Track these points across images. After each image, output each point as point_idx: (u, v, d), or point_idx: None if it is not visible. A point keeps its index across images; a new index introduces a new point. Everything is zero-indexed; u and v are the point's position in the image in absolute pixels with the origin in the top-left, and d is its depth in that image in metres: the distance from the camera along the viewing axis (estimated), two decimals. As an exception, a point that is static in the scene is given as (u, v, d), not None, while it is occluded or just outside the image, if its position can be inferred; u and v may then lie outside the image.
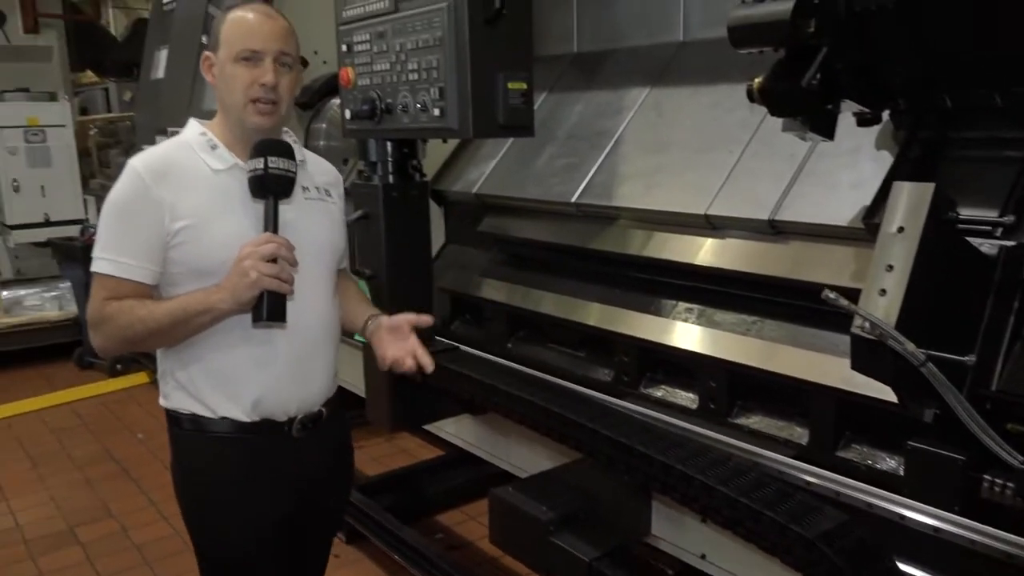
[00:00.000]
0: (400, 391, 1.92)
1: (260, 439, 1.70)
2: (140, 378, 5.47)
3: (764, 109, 2.45)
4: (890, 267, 1.26)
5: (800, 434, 2.05)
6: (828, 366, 1.97)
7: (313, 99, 3.42)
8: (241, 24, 1.65)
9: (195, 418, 1.70)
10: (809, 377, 1.99)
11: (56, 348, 5.90)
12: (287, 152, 1.65)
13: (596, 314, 2.59)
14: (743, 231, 2.31)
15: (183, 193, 1.63)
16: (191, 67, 3.85)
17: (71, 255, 5.67)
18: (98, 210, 7.56)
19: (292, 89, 1.72)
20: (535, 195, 2.85)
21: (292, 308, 1.61)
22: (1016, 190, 1.69)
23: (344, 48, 1.88)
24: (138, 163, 1.65)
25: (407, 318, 1.82)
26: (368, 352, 2.04)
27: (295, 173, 1.65)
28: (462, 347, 2.06)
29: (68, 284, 6.35)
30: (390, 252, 1.88)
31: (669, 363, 2.39)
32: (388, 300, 1.92)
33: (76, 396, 5.21)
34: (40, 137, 6.81)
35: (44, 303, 6.46)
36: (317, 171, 1.86)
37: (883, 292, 1.26)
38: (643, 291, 2.57)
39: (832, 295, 1.21)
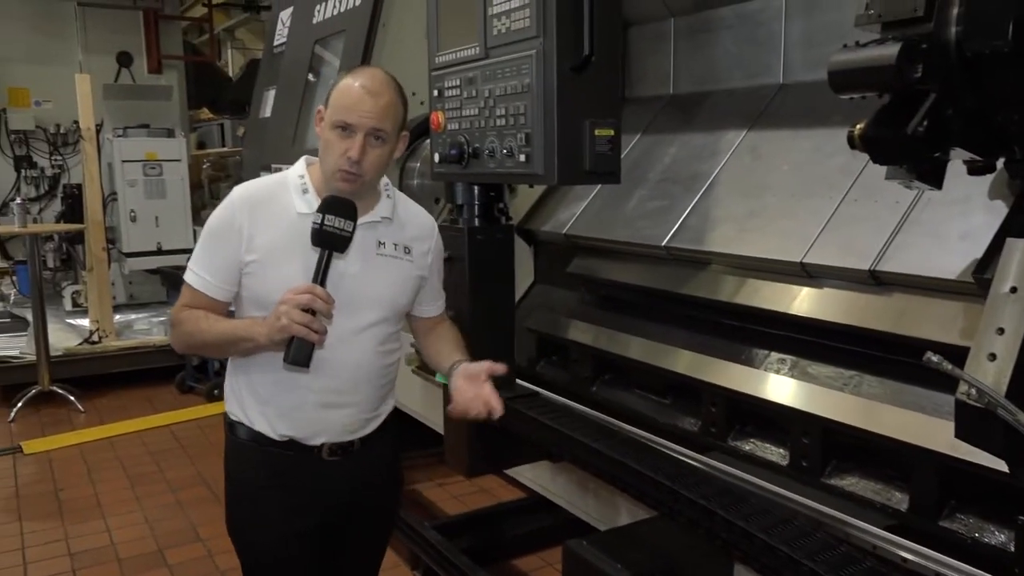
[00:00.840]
0: (479, 435, 1.90)
1: (290, 454, 1.84)
2: (236, 404, 5.66)
3: (865, 155, 2.39)
4: (1001, 330, 1.17)
5: (899, 499, 1.92)
6: (932, 428, 1.84)
7: (409, 139, 3.49)
8: (345, 94, 1.73)
9: (240, 425, 1.86)
10: (911, 439, 1.86)
11: (160, 371, 6.17)
12: (349, 212, 1.73)
13: (684, 361, 2.52)
14: (842, 281, 2.21)
15: (263, 228, 1.75)
16: (296, 107, 4.01)
17: (179, 283, 5.94)
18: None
19: (382, 163, 1.78)
20: (625, 237, 2.81)
21: (329, 353, 1.75)
22: None
23: (435, 93, 1.91)
24: (238, 191, 1.81)
25: (484, 367, 1.86)
26: (447, 394, 2.04)
27: (351, 233, 1.73)
28: (543, 392, 2.02)
29: (175, 310, 6.65)
30: (473, 295, 1.88)
31: (759, 416, 2.29)
32: (471, 341, 1.92)
33: (175, 419, 5.44)
34: (157, 171, 7.22)
35: (152, 328, 6.79)
36: (409, 226, 1.92)
37: (992, 357, 1.17)
38: (734, 339, 2.48)
39: (935, 358, 1.13)
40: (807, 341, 2.28)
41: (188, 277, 1.82)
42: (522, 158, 1.65)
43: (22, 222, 5.98)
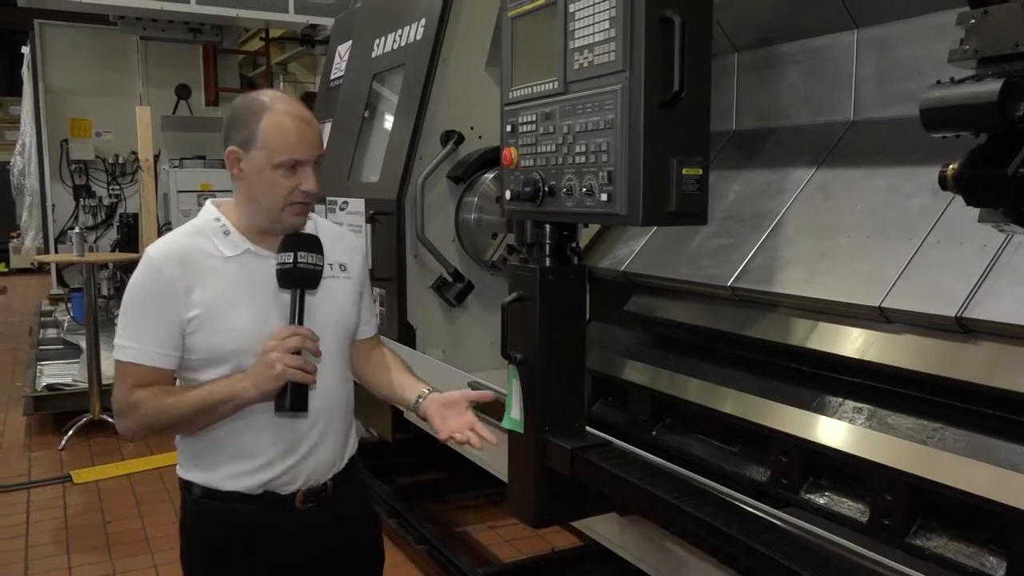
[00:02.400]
0: (547, 483, 1.82)
1: (263, 511, 1.76)
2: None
3: (948, 195, 2.27)
4: None
5: (993, 565, 1.79)
6: (1031, 489, 1.72)
7: (467, 173, 3.48)
8: (284, 133, 1.66)
9: (202, 487, 1.76)
10: (1007, 500, 1.74)
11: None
12: (316, 247, 1.72)
13: (752, 407, 2.42)
14: (923, 327, 2.10)
15: (195, 281, 1.68)
16: (353, 140, 4.02)
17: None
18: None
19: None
20: (687, 276, 2.73)
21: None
22: None
23: (508, 128, 1.86)
24: (153, 252, 1.72)
25: (464, 394, 1.86)
26: (513, 439, 1.97)
27: (322, 267, 1.73)
28: (615, 442, 1.94)
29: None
30: (544, 337, 1.81)
31: (835, 468, 2.18)
32: (540, 386, 1.84)
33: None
34: (212, 201, 7.31)
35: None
36: (335, 243, 1.89)
37: None
38: (805, 385, 2.38)
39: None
40: (885, 390, 2.17)
41: (125, 355, 1.69)
42: (603, 197, 1.58)
43: (79, 251, 6.10)
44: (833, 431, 2.19)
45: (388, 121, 3.75)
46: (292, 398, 1.62)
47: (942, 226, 2.22)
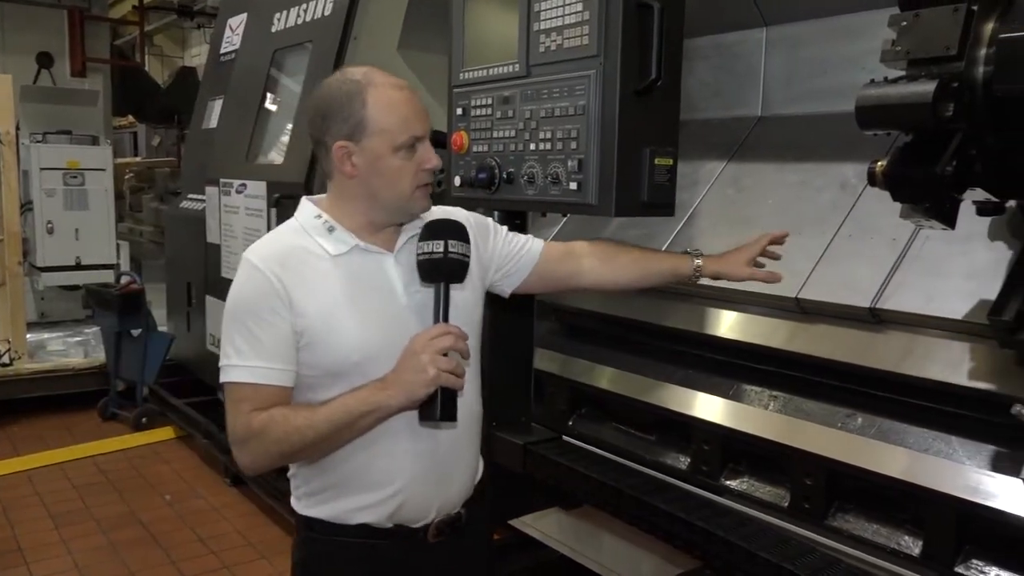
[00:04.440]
0: (494, 481, 1.78)
1: (394, 546, 1.56)
2: (166, 433, 5.33)
3: (857, 190, 2.38)
4: (1081, 381, 1.12)
5: (909, 543, 1.88)
6: (944, 472, 1.82)
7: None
8: (397, 109, 1.48)
9: (327, 524, 1.56)
10: (925, 483, 1.83)
11: (79, 397, 5.76)
12: (463, 234, 1.52)
13: (670, 395, 2.45)
14: (838, 318, 2.18)
15: (302, 285, 1.48)
16: (251, 119, 3.81)
17: (105, 302, 5.58)
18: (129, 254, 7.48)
19: None
20: (603, 267, 2.74)
21: None
22: None
23: (459, 111, 1.78)
24: (252, 255, 1.51)
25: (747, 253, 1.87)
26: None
27: (470, 256, 1.53)
28: (565, 437, 1.92)
29: (95, 329, 6.26)
30: (492, 328, 1.75)
31: (754, 455, 2.23)
32: (487, 382, 1.78)
33: (99, 450, 5.05)
34: (79, 180, 6.82)
35: (68, 348, 6.37)
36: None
37: (1074, 408, 1.13)
38: (722, 374, 2.43)
39: (1024, 411, 1.08)
40: (801, 378, 2.24)
41: (238, 375, 1.47)
42: (572, 186, 1.54)
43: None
44: (751, 418, 2.25)
45: (291, 100, 3.57)
46: (442, 406, 1.43)
47: (853, 220, 2.32)
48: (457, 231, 1.51)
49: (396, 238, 1.58)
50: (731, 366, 2.43)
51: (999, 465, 1.76)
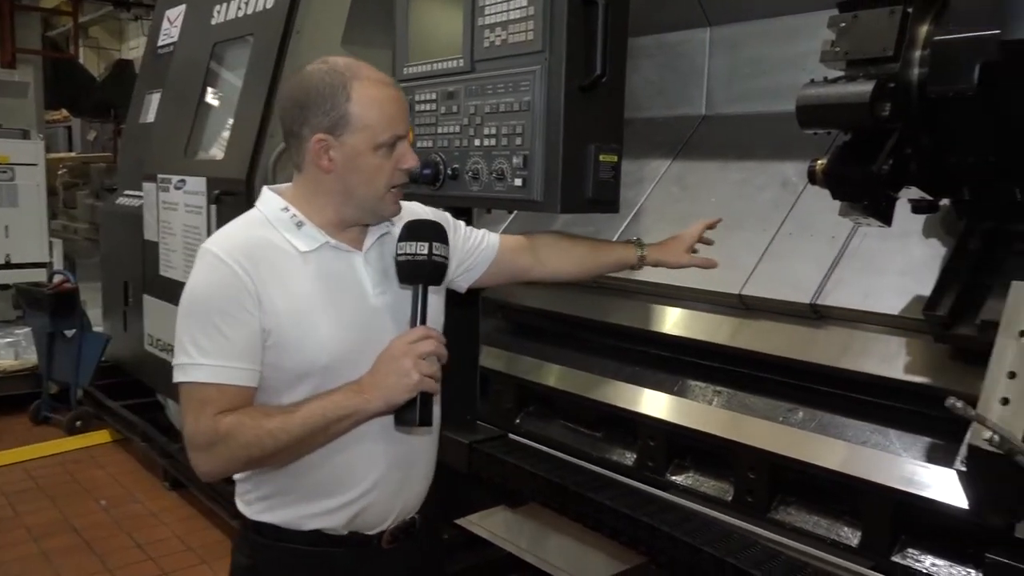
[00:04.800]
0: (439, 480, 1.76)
1: (347, 554, 1.51)
2: (102, 436, 5.16)
3: (798, 188, 2.42)
4: (1012, 374, 1.16)
5: (848, 535, 1.92)
6: (881, 463, 1.86)
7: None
8: (381, 106, 1.42)
9: (277, 529, 1.50)
10: (859, 473, 1.87)
11: (10, 400, 5.55)
12: (443, 236, 1.47)
13: (616, 392, 2.46)
14: (780, 314, 2.22)
15: (270, 281, 1.40)
16: (190, 113, 3.71)
17: (37, 302, 5.39)
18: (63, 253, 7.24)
19: None
20: (550, 264, 2.73)
21: None
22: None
23: (403, 107, 1.76)
24: (218, 248, 1.42)
25: (687, 239, 1.95)
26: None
27: (448, 259, 1.49)
28: (511, 435, 1.91)
29: (26, 330, 6.04)
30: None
31: (699, 449, 2.26)
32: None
33: (31, 455, 4.87)
34: (8, 175, 6.59)
35: (-3, 349, 6.13)
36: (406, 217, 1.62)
37: (1005, 401, 1.16)
38: (666, 370, 2.45)
39: (960, 404, 1.10)
40: (744, 373, 2.27)
41: (204, 375, 1.38)
42: (517, 182, 1.53)
43: None
44: (696, 414, 2.27)
45: (232, 94, 3.49)
46: (421, 410, 1.38)
47: (793, 218, 2.36)
48: (438, 233, 1.47)
49: (363, 237, 1.54)
50: (676, 362, 2.45)
51: (934, 456, 1.80)
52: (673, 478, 2.26)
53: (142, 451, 4.61)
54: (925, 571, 1.76)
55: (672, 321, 2.48)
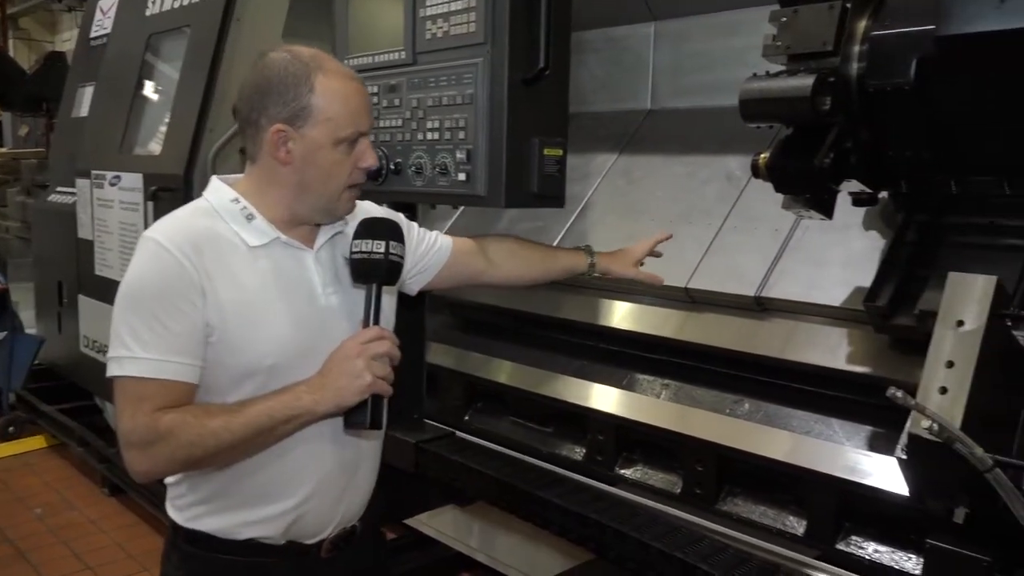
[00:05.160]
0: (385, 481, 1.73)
1: (284, 564, 1.45)
2: (36, 442, 4.97)
3: (742, 182, 2.45)
4: (950, 363, 1.18)
5: (795, 524, 1.95)
6: (825, 453, 1.89)
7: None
8: (345, 99, 1.36)
9: (211, 538, 1.43)
10: (804, 463, 1.90)
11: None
12: (399, 235, 1.43)
13: (566, 387, 2.46)
14: (725, 306, 2.24)
15: (220, 276, 1.34)
16: (125, 106, 3.60)
17: (-37, 303, 5.17)
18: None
19: None
20: (497, 259, 2.72)
21: None
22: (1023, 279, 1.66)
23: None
24: (162, 237, 1.34)
25: (637, 251, 1.98)
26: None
27: (404, 259, 1.45)
28: (459, 434, 1.88)
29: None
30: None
31: (648, 443, 2.27)
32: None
33: (-40, 461, 4.68)
34: (-68, 172, 6.30)
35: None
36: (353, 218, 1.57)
37: (943, 390, 1.18)
38: (615, 364, 2.46)
39: (900, 394, 1.12)
40: (691, 366, 2.29)
41: (143, 369, 1.29)
42: (461, 177, 1.49)
43: None
44: (644, 407, 2.28)
45: (169, 87, 3.39)
46: (372, 412, 1.33)
47: (738, 211, 2.38)
48: (395, 232, 1.42)
49: (315, 235, 1.48)
50: (624, 356, 2.46)
51: (876, 444, 1.84)
52: (622, 472, 2.27)
53: (79, 456, 4.46)
54: (868, 558, 1.79)
55: (620, 315, 2.48)
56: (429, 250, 1.70)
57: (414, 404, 1.87)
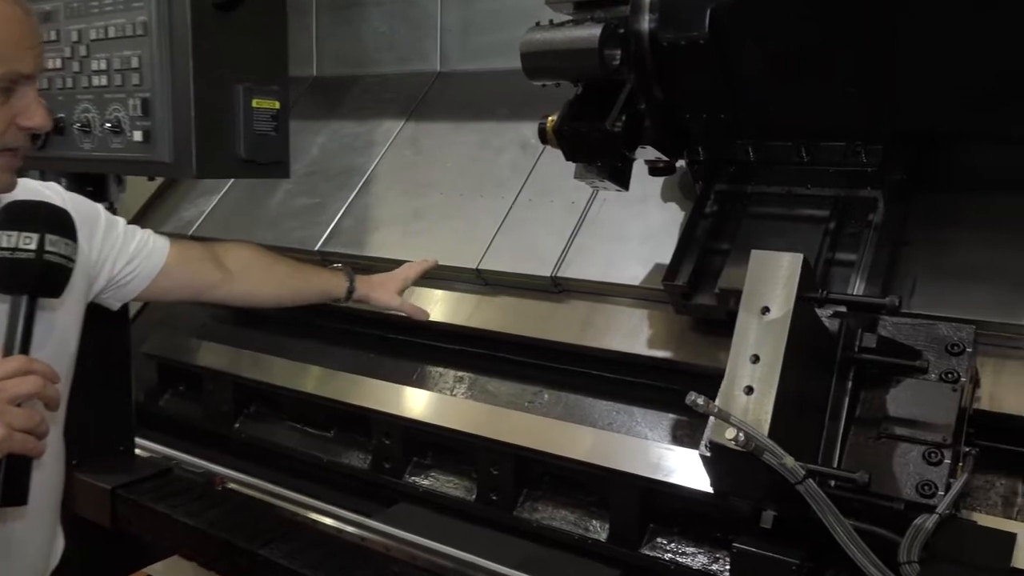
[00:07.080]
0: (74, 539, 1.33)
1: None
2: None
3: (537, 151, 2.24)
4: (755, 357, 1.00)
5: (597, 527, 1.77)
6: (626, 448, 1.72)
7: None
8: (2, 27, 1.01)
9: None
10: (605, 463, 1.72)
11: None
12: (68, 227, 1.07)
13: (348, 386, 2.17)
14: (520, 288, 2.03)
15: None
16: None
17: None
18: None
19: None
20: (269, 240, 2.35)
21: None
22: (823, 252, 1.56)
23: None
24: None
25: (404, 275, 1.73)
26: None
27: (75, 262, 1.08)
28: (185, 465, 1.52)
29: None
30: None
31: (440, 446, 2.02)
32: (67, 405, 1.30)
33: None
34: None
35: None
36: None
37: (749, 390, 1.00)
38: (403, 357, 2.19)
39: (701, 400, 0.92)
40: (486, 355, 2.07)
41: None
42: (137, 136, 1.12)
43: None
44: (435, 406, 2.04)
45: None
46: (9, 482, 0.96)
47: (533, 183, 2.18)
48: (58, 221, 1.07)
49: None
50: (414, 347, 2.19)
51: (680, 435, 1.70)
52: (413, 480, 2.02)
53: None
54: (673, 562, 1.65)
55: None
56: (137, 254, 1.34)
57: (120, 434, 1.49)
